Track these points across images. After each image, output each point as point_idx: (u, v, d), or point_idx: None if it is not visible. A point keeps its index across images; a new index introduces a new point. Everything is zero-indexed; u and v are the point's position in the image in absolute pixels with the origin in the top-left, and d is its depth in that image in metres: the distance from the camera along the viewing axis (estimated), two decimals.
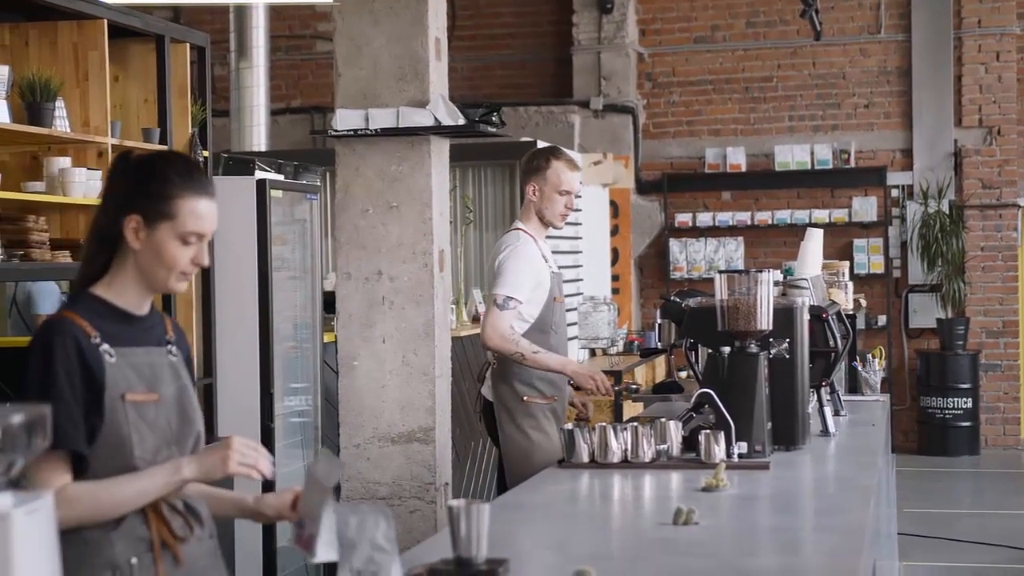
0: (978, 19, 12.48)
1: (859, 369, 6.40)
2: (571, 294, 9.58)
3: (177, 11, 12.80)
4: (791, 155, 12.62)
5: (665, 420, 4.20)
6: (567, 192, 5.22)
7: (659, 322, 5.24)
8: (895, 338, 12.50)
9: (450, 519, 2.56)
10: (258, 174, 6.55)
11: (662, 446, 4.14)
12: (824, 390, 4.99)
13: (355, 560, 2.44)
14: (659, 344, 5.40)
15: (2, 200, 5.27)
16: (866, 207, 12.51)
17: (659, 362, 10.82)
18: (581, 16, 12.91)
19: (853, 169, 12.58)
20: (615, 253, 12.26)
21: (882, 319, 12.43)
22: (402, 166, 5.15)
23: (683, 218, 12.81)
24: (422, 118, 5.06)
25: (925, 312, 12.48)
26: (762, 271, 4.32)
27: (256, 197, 6.43)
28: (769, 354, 4.37)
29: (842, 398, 5.42)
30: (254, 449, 2.74)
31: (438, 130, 5.10)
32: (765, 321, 4.29)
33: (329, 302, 6.36)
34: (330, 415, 6.80)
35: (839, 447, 4.74)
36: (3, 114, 5.34)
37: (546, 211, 5.22)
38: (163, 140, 6.19)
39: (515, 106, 12.30)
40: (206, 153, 6.44)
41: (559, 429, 4.45)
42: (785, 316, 4.45)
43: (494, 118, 5.32)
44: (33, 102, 5.53)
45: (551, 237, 5.41)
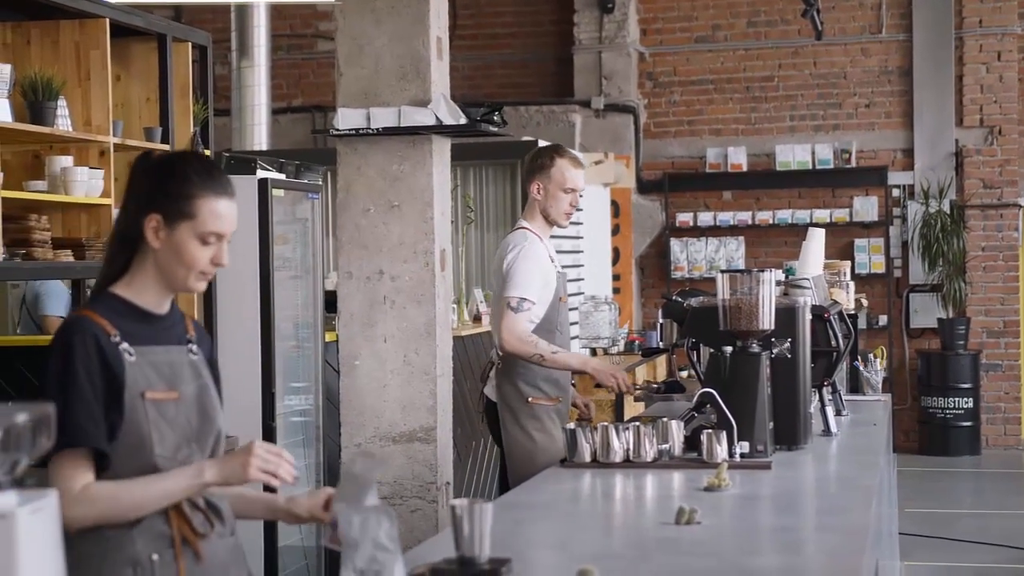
0: (979, 19, 12.48)
1: (860, 369, 6.40)
2: (572, 294, 9.56)
3: (178, 10, 12.80)
4: (792, 155, 12.62)
5: (667, 420, 4.20)
6: (572, 190, 5.19)
7: (661, 322, 5.23)
8: (896, 338, 12.50)
9: (453, 518, 2.56)
10: (259, 173, 6.53)
11: (664, 446, 4.14)
12: (826, 390, 4.99)
13: (358, 559, 2.44)
14: (661, 344, 5.38)
15: (4, 199, 5.27)
16: (867, 207, 12.51)
17: (660, 362, 10.81)
18: (582, 16, 12.91)
19: (854, 169, 12.58)
20: (616, 253, 12.25)
21: (883, 319, 12.42)
22: (403, 165, 5.15)
23: (684, 218, 12.81)
24: (424, 117, 5.06)
25: (926, 312, 12.48)
26: (764, 271, 4.32)
27: (257, 196, 6.41)
28: (771, 354, 4.37)
29: (843, 398, 5.42)
30: (277, 455, 2.75)
31: (440, 129, 5.10)
32: (767, 321, 4.29)
33: (330, 301, 6.35)
34: (331, 414, 6.79)
35: (841, 447, 4.74)
36: (5, 113, 5.34)
37: (551, 209, 5.19)
38: (165, 139, 6.19)
39: (516, 106, 12.30)
40: (208, 152, 6.43)
41: (562, 429, 4.44)
42: (787, 316, 4.45)
43: (495, 117, 5.31)
44: (35, 101, 5.53)
45: (553, 237, 5.40)
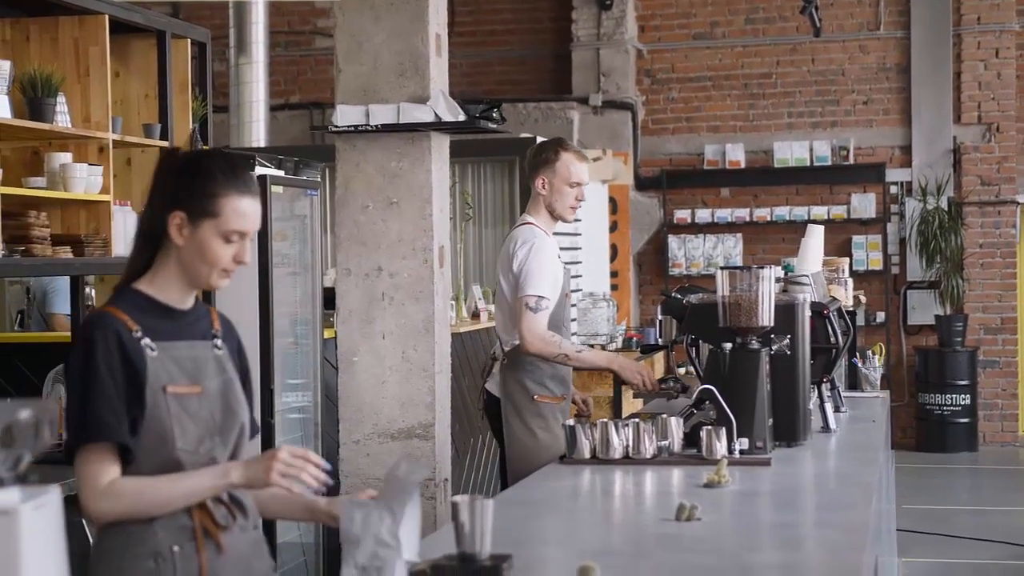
0: (977, 16, 12.49)
1: (859, 365, 6.40)
2: (571, 290, 9.57)
3: (177, 7, 12.78)
4: (790, 152, 12.63)
5: (666, 416, 4.21)
6: (577, 184, 5.14)
7: (660, 318, 5.23)
8: (893, 335, 12.51)
9: (454, 515, 2.56)
10: (258, 170, 6.52)
11: (663, 442, 4.14)
12: (825, 386, 4.99)
13: (359, 556, 2.45)
14: (660, 340, 5.37)
15: (3, 195, 5.27)
16: (865, 204, 12.51)
17: (658, 358, 10.81)
18: (580, 12, 12.91)
19: (852, 166, 12.58)
20: (614, 249, 12.25)
21: (881, 316, 12.43)
22: (402, 162, 5.15)
23: (682, 214, 12.82)
24: (422, 114, 5.05)
25: (924, 309, 12.48)
26: (764, 267, 4.33)
27: None
28: (770, 350, 4.37)
29: (842, 394, 5.43)
30: (303, 458, 2.76)
31: (438, 126, 5.10)
32: (766, 317, 4.29)
33: (329, 298, 6.34)
34: (330, 411, 6.79)
35: (840, 443, 4.75)
36: (4, 109, 5.34)
37: (556, 204, 5.15)
38: (164, 136, 6.19)
39: (514, 102, 12.30)
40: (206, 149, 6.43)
41: (562, 426, 4.44)
42: (786, 312, 4.45)
43: (494, 114, 5.29)
44: (34, 97, 5.53)
45: (554, 233, 5.39)
